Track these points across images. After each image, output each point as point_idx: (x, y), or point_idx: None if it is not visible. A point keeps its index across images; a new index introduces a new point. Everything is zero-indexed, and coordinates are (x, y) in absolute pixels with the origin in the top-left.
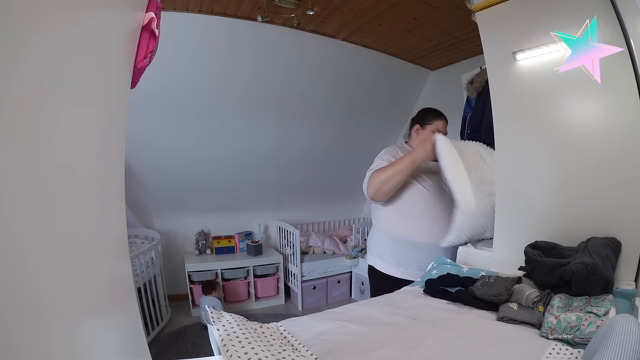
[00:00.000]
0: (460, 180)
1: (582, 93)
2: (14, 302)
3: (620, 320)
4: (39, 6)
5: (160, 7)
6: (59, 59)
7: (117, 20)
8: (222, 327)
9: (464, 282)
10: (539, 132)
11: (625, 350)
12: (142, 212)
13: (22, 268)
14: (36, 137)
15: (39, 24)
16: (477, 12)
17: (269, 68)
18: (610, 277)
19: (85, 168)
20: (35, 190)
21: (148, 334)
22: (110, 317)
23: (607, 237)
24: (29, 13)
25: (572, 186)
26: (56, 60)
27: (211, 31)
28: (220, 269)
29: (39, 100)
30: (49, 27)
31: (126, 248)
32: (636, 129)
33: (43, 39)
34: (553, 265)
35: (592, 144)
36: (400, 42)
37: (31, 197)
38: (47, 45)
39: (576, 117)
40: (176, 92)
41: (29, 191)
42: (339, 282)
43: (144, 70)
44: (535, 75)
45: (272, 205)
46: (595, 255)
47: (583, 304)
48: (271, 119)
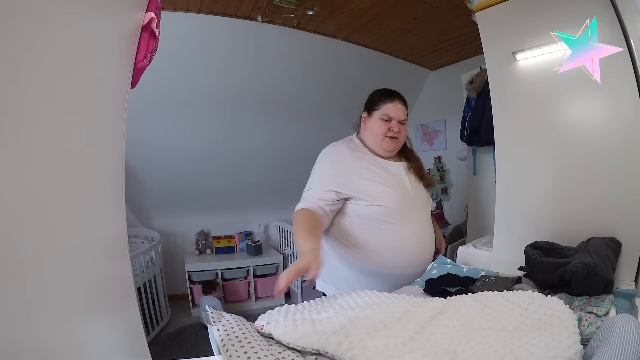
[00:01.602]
0: None
1: (582, 93)
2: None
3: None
4: (39, 6)
5: (160, 7)
6: (59, 59)
7: (117, 20)
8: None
9: (464, 282)
10: (538, 131)
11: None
12: (142, 212)
13: (22, 268)
14: (36, 137)
15: (39, 24)
16: (477, 12)
17: (269, 68)
18: (610, 277)
19: (85, 168)
20: (35, 190)
21: (148, 334)
22: (111, 317)
23: (607, 237)
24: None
25: (572, 186)
26: (56, 60)
27: (211, 31)
28: (220, 269)
29: (39, 100)
30: (49, 27)
31: (126, 248)
32: (636, 128)
33: (43, 39)
34: (553, 265)
35: (592, 143)
36: (400, 42)
37: (31, 197)
38: (47, 46)
39: (576, 117)
40: (176, 92)
41: (28, 191)
42: None
43: (144, 70)
44: (535, 75)
45: (272, 205)
46: (595, 255)
47: (583, 304)
48: (271, 118)
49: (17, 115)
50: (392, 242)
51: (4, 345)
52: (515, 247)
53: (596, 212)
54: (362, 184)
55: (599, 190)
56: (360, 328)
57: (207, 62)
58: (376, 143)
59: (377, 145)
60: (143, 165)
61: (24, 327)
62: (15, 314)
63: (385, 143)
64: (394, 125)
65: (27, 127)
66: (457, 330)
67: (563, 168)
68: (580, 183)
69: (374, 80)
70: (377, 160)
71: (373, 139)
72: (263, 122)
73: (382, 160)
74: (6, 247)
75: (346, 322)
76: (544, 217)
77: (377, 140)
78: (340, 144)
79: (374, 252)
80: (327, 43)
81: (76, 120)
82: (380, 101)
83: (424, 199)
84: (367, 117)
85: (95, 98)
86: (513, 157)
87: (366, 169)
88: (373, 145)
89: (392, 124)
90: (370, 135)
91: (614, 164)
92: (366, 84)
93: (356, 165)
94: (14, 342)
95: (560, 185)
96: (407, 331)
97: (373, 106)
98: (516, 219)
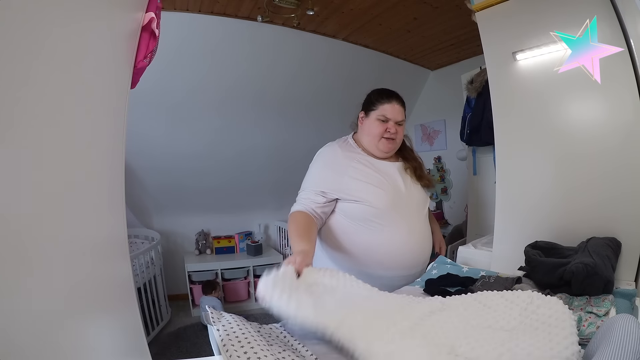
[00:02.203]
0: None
1: (582, 93)
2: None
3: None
4: (39, 7)
5: (160, 7)
6: (58, 59)
7: (117, 20)
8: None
9: (464, 282)
10: (538, 131)
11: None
12: (142, 212)
13: (22, 268)
14: (36, 137)
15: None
16: (477, 12)
17: (269, 68)
18: (610, 277)
19: (85, 168)
20: (35, 190)
21: (148, 334)
22: (110, 317)
23: (607, 237)
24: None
25: (572, 186)
26: (56, 60)
27: (211, 31)
28: (220, 269)
29: (39, 100)
30: (49, 27)
31: (126, 248)
32: (636, 128)
33: (43, 39)
34: (553, 265)
35: (592, 143)
36: (400, 42)
37: (31, 197)
38: (47, 46)
39: (576, 117)
40: (175, 92)
41: (29, 191)
42: None
43: (144, 70)
44: (535, 75)
45: (272, 205)
46: (595, 255)
47: (583, 304)
48: (271, 118)
49: (17, 115)
50: (381, 243)
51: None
52: (515, 247)
53: (596, 212)
54: (351, 183)
55: (599, 190)
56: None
57: (207, 62)
58: (372, 144)
59: (373, 146)
60: (143, 165)
61: (24, 327)
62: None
63: (381, 144)
64: (390, 126)
65: (26, 127)
66: (456, 327)
67: (563, 168)
68: (580, 183)
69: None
70: (370, 160)
71: (369, 139)
72: (263, 121)
73: (376, 160)
74: (6, 247)
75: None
76: (543, 217)
77: (373, 141)
78: (334, 144)
79: (363, 252)
80: (327, 43)
81: (76, 120)
82: (378, 101)
83: (419, 200)
84: (364, 117)
85: (95, 98)
86: (513, 157)
87: (356, 169)
88: (369, 146)
89: (389, 124)
90: (366, 135)
91: (614, 164)
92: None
93: (346, 165)
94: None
95: (560, 185)
96: (407, 321)
97: (370, 106)
98: (516, 219)
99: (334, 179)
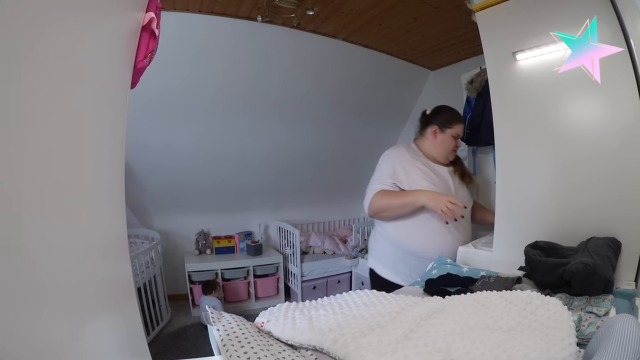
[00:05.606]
0: None
1: (582, 93)
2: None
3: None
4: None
5: (160, 7)
6: (58, 59)
7: (117, 20)
8: (222, 328)
9: (464, 282)
10: (538, 132)
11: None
12: (142, 212)
13: (21, 268)
14: (36, 137)
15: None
16: (477, 12)
17: (268, 68)
18: (610, 277)
19: (85, 168)
20: (35, 191)
21: (148, 334)
22: (110, 317)
23: (607, 237)
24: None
25: (572, 186)
26: (56, 60)
27: (211, 31)
28: (220, 269)
29: (39, 100)
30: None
31: (126, 248)
32: (636, 128)
33: (43, 39)
34: (553, 265)
35: (592, 143)
36: (400, 42)
37: (31, 197)
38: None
39: (576, 117)
40: (176, 92)
41: (28, 191)
42: (339, 282)
43: (144, 71)
44: (535, 75)
45: (272, 205)
46: (595, 255)
47: (583, 304)
48: (271, 119)
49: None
50: (426, 229)
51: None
52: (515, 247)
53: (596, 212)
54: (415, 179)
55: (599, 190)
56: (355, 327)
57: (207, 62)
58: (443, 154)
59: (443, 156)
60: (143, 166)
61: (24, 326)
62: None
63: (451, 155)
64: (459, 142)
65: (26, 127)
66: (453, 329)
67: (563, 168)
68: (580, 183)
69: (374, 81)
70: (429, 163)
71: (442, 150)
72: (263, 121)
73: (433, 164)
74: (6, 247)
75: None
76: (544, 217)
77: (445, 153)
78: (401, 147)
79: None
80: (327, 43)
81: (76, 120)
82: (455, 121)
83: (463, 199)
84: (439, 132)
85: (95, 98)
86: (513, 157)
87: (419, 169)
88: (438, 155)
89: (458, 141)
90: (440, 147)
91: (614, 164)
92: (366, 84)
93: (412, 164)
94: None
95: (560, 185)
96: (402, 329)
97: (447, 124)
98: (516, 219)
99: (404, 173)
